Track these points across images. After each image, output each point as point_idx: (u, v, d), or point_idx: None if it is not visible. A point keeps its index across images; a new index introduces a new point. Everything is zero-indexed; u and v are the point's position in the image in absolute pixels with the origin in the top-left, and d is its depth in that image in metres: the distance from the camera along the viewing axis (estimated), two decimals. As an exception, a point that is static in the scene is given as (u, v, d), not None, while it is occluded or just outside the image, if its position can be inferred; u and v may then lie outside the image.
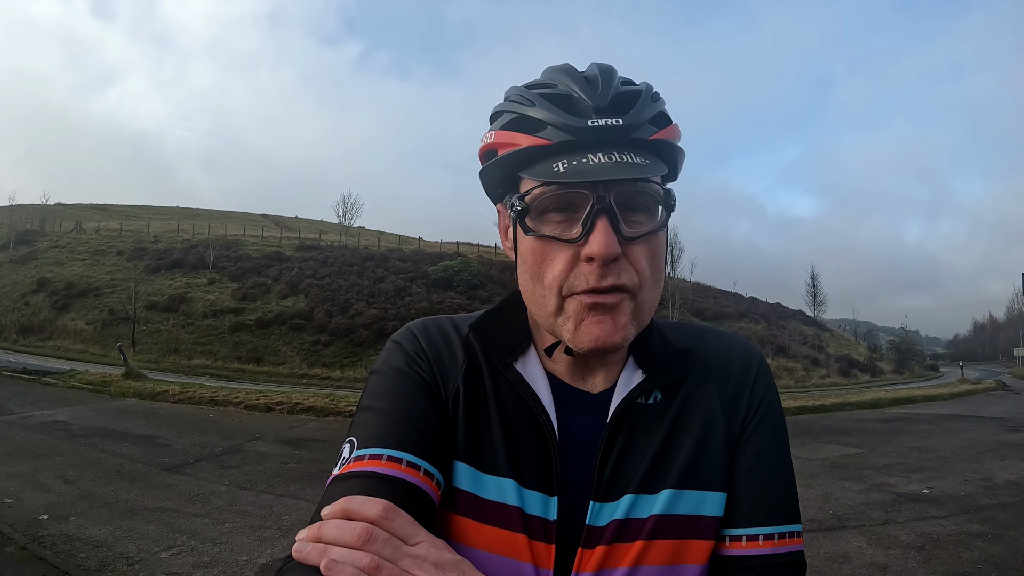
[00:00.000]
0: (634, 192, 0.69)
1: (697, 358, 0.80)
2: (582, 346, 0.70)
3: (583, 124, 0.67)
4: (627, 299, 0.70)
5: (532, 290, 0.73)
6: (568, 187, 0.68)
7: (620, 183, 0.67)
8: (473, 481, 0.73)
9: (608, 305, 0.69)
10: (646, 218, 0.71)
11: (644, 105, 0.70)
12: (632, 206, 0.70)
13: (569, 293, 0.70)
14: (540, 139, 0.69)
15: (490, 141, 0.74)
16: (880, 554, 4.98)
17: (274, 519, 5.66)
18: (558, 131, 0.68)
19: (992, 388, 27.30)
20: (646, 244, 0.70)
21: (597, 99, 0.68)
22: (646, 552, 0.70)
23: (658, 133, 0.70)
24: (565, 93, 0.70)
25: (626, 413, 0.75)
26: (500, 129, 0.73)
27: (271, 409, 13.32)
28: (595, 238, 0.67)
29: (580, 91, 0.69)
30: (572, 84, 0.70)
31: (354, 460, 0.69)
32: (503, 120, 0.73)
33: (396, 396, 0.74)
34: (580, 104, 0.69)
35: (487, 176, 0.76)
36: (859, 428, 13.12)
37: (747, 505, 0.74)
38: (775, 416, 0.80)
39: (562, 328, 0.72)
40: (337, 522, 0.58)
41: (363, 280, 36.40)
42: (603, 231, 0.67)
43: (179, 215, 69.44)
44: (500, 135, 0.73)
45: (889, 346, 68.11)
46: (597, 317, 0.69)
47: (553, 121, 0.68)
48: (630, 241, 0.69)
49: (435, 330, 0.81)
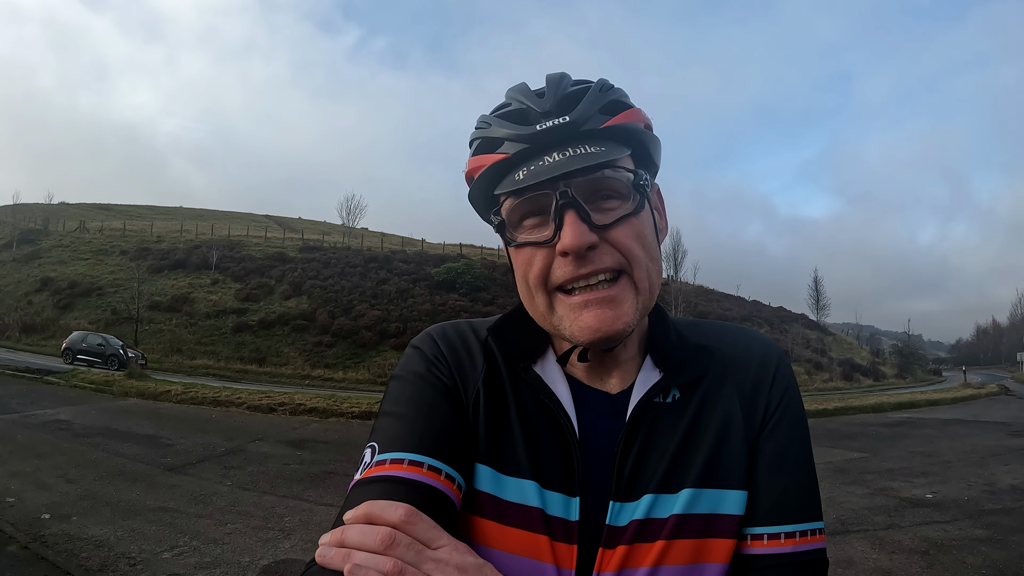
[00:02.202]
0: (598, 181, 0.70)
1: (715, 355, 0.80)
2: (582, 338, 0.71)
3: (532, 130, 0.71)
4: (625, 282, 0.71)
5: (526, 296, 0.76)
6: (530, 190, 0.70)
7: (579, 175, 0.69)
8: (494, 483, 0.73)
9: (604, 298, 0.70)
10: (620, 204, 0.72)
11: (592, 98, 0.72)
12: (601, 195, 0.71)
13: (553, 288, 0.72)
14: (500, 154, 0.72)
15: (467, 169, 0.78)
16: (884, 559, 4.97)
17: (276, 520, 5.66)
18: (513, 143, 0.72)
19: (995, 393, 27.29)
20: (626, 227, 0.71)
21: (543, 104, 0.72)
22: (667, 552, 0.69)
23: (611, 120, 0.72)
24: (518, 108, 0.74)
25: (644, 412, 0.75)
26: (472, 155, 0.77)
27: (273, 410, 13.36)
28: (565, 232, 0.68)
29: (529, 102, 0.73)
30: (523, 98, 0.74)
31: (376, 465, 0.69)
32: (473, 147, 0.77)
33: (417, 401, 0.75)
34: (530, 114, 0.73)
35: (474, 202, 0.79)
36: (862, 432, 13.12)
37: (768, 503, 0.74)
38: (795, 413, 0.79)
39: (560, 326, 0.73)
40: (360, 527, 0.58)
41: (366, 281, 36.46)
42: (571, 224, 0.68)
43: (182, 215, 69.66)
44: (472, 161, 0.77)
45: (892, 350, 68.03)
46: (592, 309, 0.70)
47: (508, 135, 0.72)
48: (605, 229, 0.70)
49: (454, 334, 0.82)
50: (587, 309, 0.70)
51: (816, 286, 67.09)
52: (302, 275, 36.54)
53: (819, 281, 67.52)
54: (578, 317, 0.70)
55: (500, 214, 0.74)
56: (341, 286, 35.45)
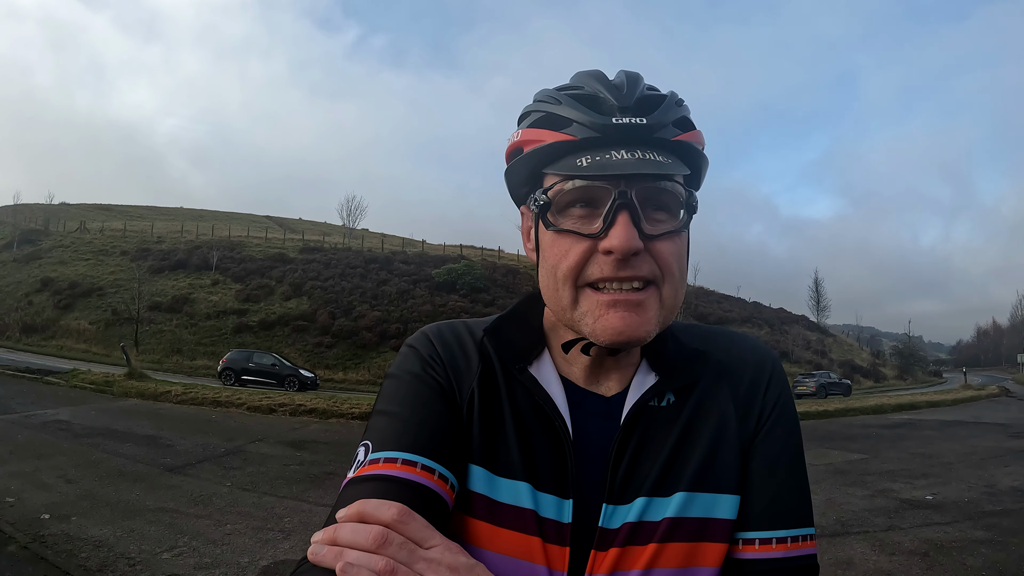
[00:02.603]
0: (656, 190, 0.70)
1: (710, 360, 0.80)
2: (603, 339, 0.70)
3: (607, 121, 0.69)
4: (652, 290, 0.70)
5: (550, 284, 0.74)
6: (591, 180, 0.69)
7: (642, 180, 0.68)
8: (488, 484, 0.73)
9: (632, 302, 0.69)
10: (667, 217, 0.71)
11: (668, 108, 0.71)
12: (654, 204, 0.70)
13: (584, 284, 0.70)
14: (565, 135, 0.70)
15: (517, 140, 0.75)
16: (884, 560, 4.96)
17: (276, 521, 5.66)
18: (583, 128, 0.69)
19: (995, 394, 27.28)
20: (668, 242, 0.71)
21: (622, 99, 0.70)
22: (659, 555, 0.70)
23: (681, 135, 0.71)
24: (591, 93, 0.72)
25: (639, 416, 0.75)
26: (527, 127, 0.75)
27: (273, 411, 13.35)
28: (615, 232, 0.67)
29: (606, 92, 0.71)
30: (599, 86, 0.72)
31: (369, 463, 0.69)
32: (531, 119, 0.75)
33: (411, 400, 0.75)
34: (606, 103, 0.71)
35: (513, 175, 0.77)
36: (862, 434, 13.10)
37: (760, 508, 0.74)
38: (789, 418, 0.79)
39: (580, 322, 0.71)
40: (352, 525, 0.58)
41: (366, 283, 36.48)
42: (624, 225, 0.67)
43: (183, 216, 69.70)
44: (527, 133, 0.74)
45: (892, 352, 68.06)
46: (620, 311, 0.69)
47: (579, 118, 0.70)
48: (651, 239, 0.69)
49: (450, 334, 0.82)
50: (614, 309, 0.69)
51: (817, 287, 67.22)
52: (302, 276, 36.56)
53: (819, 282, 67.71)
54: (603, 315, 0.70)
55: (547, 195, 0.72)
56: (341, 287, 35.46)
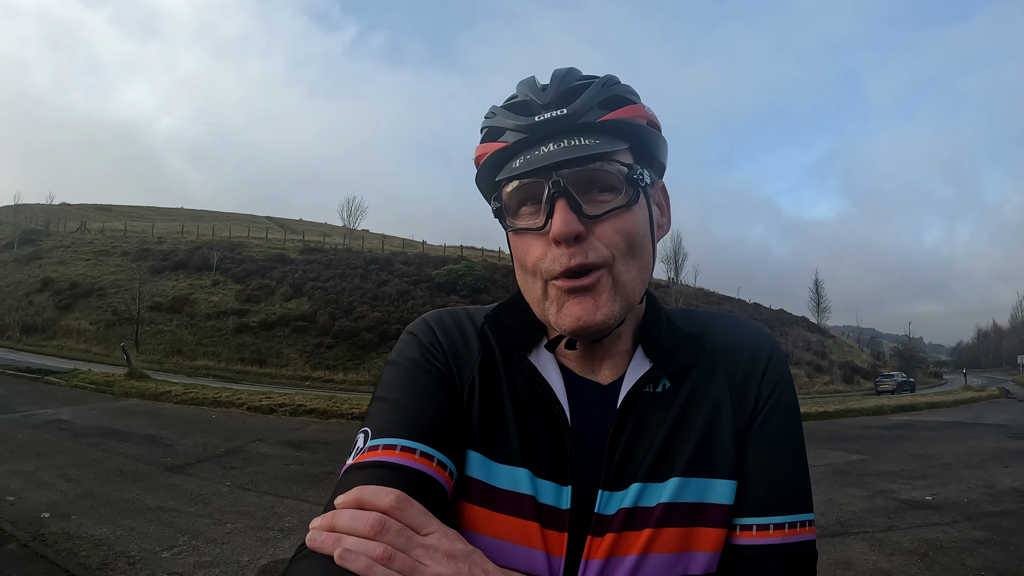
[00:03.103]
0: (591, 172, 0.72)
1: (706, 344, 0.80)
2: (564, 327, 0.73)
3: (531, 121, 0.73)
4: (603, 275, 0.72)
5: (522, 281, 0.78)
6: (524, 177, 0.73)
7: (572, 165, 0.71)
8: (486, 470, 0.74)
9: (584, 287, 0.71)
10: (612, 196, 0.73)
11: (593, 93, 0.74)
12: (593, 187, 0.73)
13: (547, 278, 0.73)
14: (501, 143, 0.75)
15: (474, 156, 0.81)
16: (883, 561, 4.96)
17: (276, 520, 5.66)
18: (513, 132, 0.75)
19: (995, 395, 27.22)
20: (615, 220, 0.73)
21: (544, 96, 0.74)
22: (654, 540, 0.70)
23: (609, 114, 0.74)
24: (522, 99, 0.76)
25: (634, 402, 0.76)
26: (480, 143, 0.80)
27: (274, 411, 13.34)
28: (554, 220, 0.70)
29: (532, 94, 0.76)
30: (527, 91, 0.77)
31: (368, 450, 0.70)
32: (482, 135, 0.80)
33: (411, 387, 0.76)
34: (531, 105, 0.75)
35: (480, 187, 0.82)
36: (862, 435, 13.09)
37: (757, 494, 0.74)
38: (787, 403, 0.79)
39: (548, 313, 0.74)
40: (350, 511, 0.59)
41: (367, 283, 36.46)
42: (561, 212, 0.70)
43: (183, 216, 69.72)
44: (478, 148, 0.80)
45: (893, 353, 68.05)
46: (576, 299, 0.72)
47: (510, 125, 0.75)
48: (595, 220, 0.72)
49: (450, 321, 0.83)
50: (571, 299, 0.72)
51: (817, 289, 67.16)
52: (303, 276, 36.54)
53: (820, 284, 67.62)
54: (563, 306, 0.72)
55: (500, 200, 0.76)
56: (342, 288, 35.44)
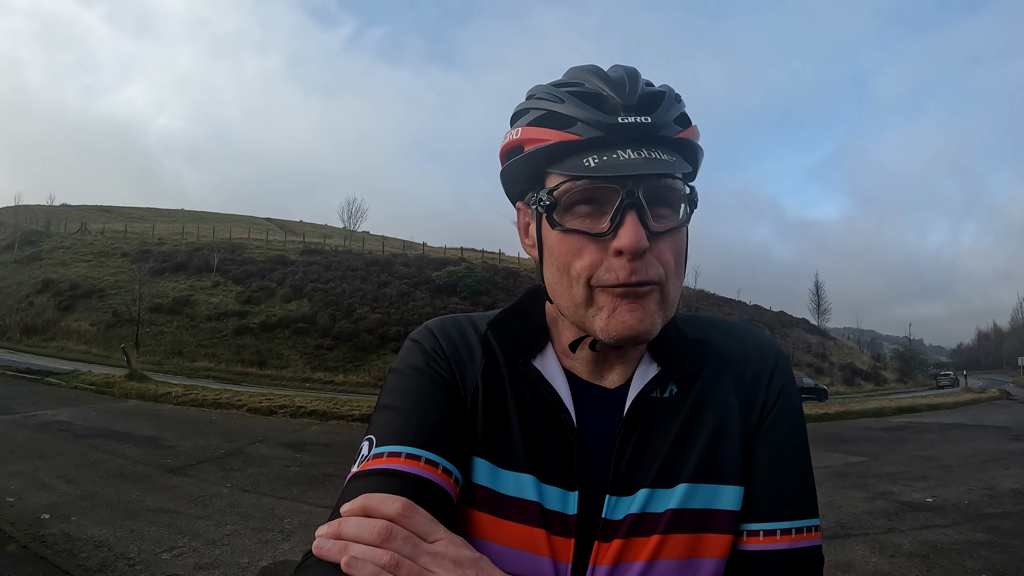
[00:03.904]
0: (661, 188, 0.70)
1: (712, 349, 0.80)
2: (614, 334, 0.70)
3: (613, 121, 0.69)
4: (655, 290, 0.71)
5: (559, 282, 0.74)
6: (599, 181, 0.69)
7: (648, 179, 0.69)
8: (491, 477, 0.73)
9: (640, 294, 0.70)
10: (671, 214, 0.72)
11: (669, 105, 0.72)
12: (659, 202, 0.71)
13: (598, 285, 0.71)
14: (570, 135, 0.70)
15: (516, 138, 0.75)
16: (884, 562, 4.96)
17: (276, 522, 5.66)
18: (588, 127, 0.69)
19: (996, 397, 27.25)
20: (671, 239, 0.72)
21: (626, 97, 0.70)
22: (662, 546, 0.70)
23: (682, 132, 0.72)
24: (593, 91, 0.72)
25: (641, 407, 0.75)
26: (527, 126, 0.74)
27: (274, 412, 13.34)
28: (624, 232, 0.68)
29: (609, 89, 0.71)
30: (600, 83, 0.72)
31: (373, 458, 0.69)
32: (530, 117, 0.74)
33: (415, 394, 0.75)
34: (609, 102, 0.70)
35: (510, 173, 0.77)
36: (863, 437, 13.10)
37: (764, 500, 0.74)
38: (793, 409, 0.79)
39: (593, 319, 0.72)
40: (357, 519, 0.58)
41: (367, 285, 36.45)
42: (632, 225, 0.68)
43: (184, 218, 69.72)
44: (527, 131, 0.74)
45: (893, 355, 68.04)
46: (630, 305, 0.70)
47: (583, 117, 0.70)
48: (656, 236, 0.70)
49: (453, 328, 0.82)
50: (625, 307, 0.70)
51: (817, 290, 67.10)
52: (303, 278, 36.53)
53: (820, 286, 67.56)
54: (615, 311, 0.70)
55: (552, 195, 0.71)
56: (342, 289, 35.43)
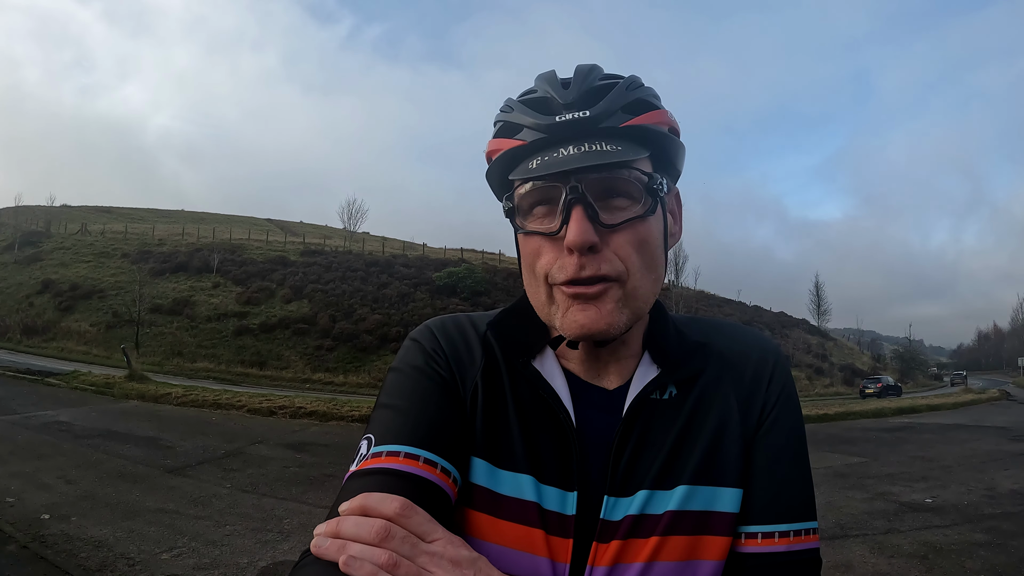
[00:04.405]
0: (611, 180, 0.70)
1: (712, 352, 0.80)
2: (569, 332, 0.72)
3: (551, 120, 0.70)
4: (613, 287, 0.71)
5: (529, 283, 0.77)
6: (541, 180, 0.70)
7: (592, 172, 0.69)
8: (490, 477, 0.73)
9: (590, 295, 0.70)
10: (629, 204, 0.71)
11: (617, 95, 0.72)
12: (611, 194, 0.71)
13: (554, 283, 0.72)
14: (517, 141, 0.72)
15: (487, 150, 0.78)
16: (883, 563, 4.95)
17: (276, 522, 5.65)
18: (532, 131, 0.72)
19: (996, 398, 27.26)
20: (631, 230, 0.71)
21: (566, 96, 0.71)
22: (661, 548, 0.70)
23: (633, 120, 0.71)
24: (541, 96, 0.74)
25: (641, 408, 0.75)
26: (493, 137, 0.77)
27: (274, 413, 13.33)
28: (570, 228, 0.68)
29: (553, 91, 0.73)
30: (548, 87, 0.74)
31: (371, 457, 0.69)
32: (495, 129, 0.78)
33: (414, 394, 0.75)
34: (552, 103, 0.72)
35: (490, 183, 0.79)
36: (862, 437, 13.09)
37: (763, 502, 0.74)
38: (792, 412, 0.79)
39: (554, 317, 0.73)
40: (355, 518, 0.59)
41: (367, 286, 36.45)
42: (577, 220, 0.68)
43: (184, 219, 69.72)
44: (491, 143, 0.77)
45: (893, 355, 68.02)
46: (581, 305, 0.71)
47: (527, 122, 0.72)
48: (612, 229, 0.70)
49: (453, 328, 0.82)
50: (576, 307, 0.71)
51: (817, 291, 67.00)
52: (303, 279, 36.53)
53: (820, 286, 67.39)
54: (568, 311, 0.71)
55: (512, 200, 0.74)
56: (342, 290, 35.43)
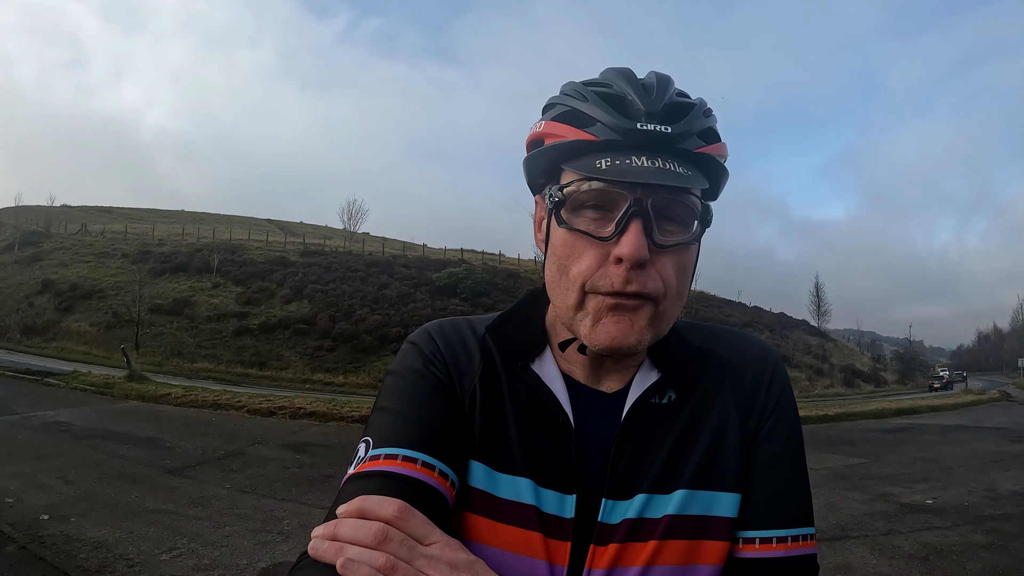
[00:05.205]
0: (672, 201, 0.69)
1: (712, 357, 0.80)
2: (597, 344, 0.70)
3: (632, 126, 0.68)
4: (648, 305, 0.70)
5: (557, 282, 0.73)
6: (608, 184, 0.68)
7: (659, 189, 0.68)
8: (488, 480, 0.73)
9: (628, 307, 0.69)
10: (680, 229, 0.71)
11: (695, 117, 0.70)
12: (668, 215, 0.70)
13: (592, 291, 0.70)
14: (587, 134, 0.69)
15: (539, 131, 0.75)
16: (883, 564, 4.95)
17: (275, 523, 5.65)
18: (606, 129, 0.69)
19: (996, 399, 27.24)
20: (675, 255, 0.70)
21: (650, 104, 0.69)
22: (659, 552, 0.70)
23: (705, 147, 0.71)
24: (619, 94, 0.71)
25: (640, 412, 0.75)
26: (550, 120, 0.74)
27: (273, 413, 13.33)
28: (627, 239, 0.67)
29: (634, 94, 0.70)
30: (627, 87, 0.71)
31: (369, 459, 0.69)
32: (554, 112, 0.74)
33: (412, 397, 0.75)
34: (632, 107, 0.69)
35: (531, 164, 0.77)
36: (863, 438, 13.10)
37: (761, 507, 0.74)
38: (790, 417, 0.79)
39: (580, 324, 0.72)
40: (353, 521, 0.58)
41: (367, 286, 36.44)
42: (636, 233, 0.67)
43: (184, 219, 69.74)
44: (549, 126, 0.73)
45: (893, 356, 68.04)
46: (616, 316, 0.69)
47: (603, 119, 0.69)
48: (661, 249, 0.69)
49: (452, 331, 0.82)
50: (610, 318, 0.69)
51: (817, 292, 66.95)
52: (303, 279, 36.52)
53: (820, 287, 67.31)
54: (599, 321, 0.70)
55: (562, 192, 0.71)
56: (342, 290, 35.42)
